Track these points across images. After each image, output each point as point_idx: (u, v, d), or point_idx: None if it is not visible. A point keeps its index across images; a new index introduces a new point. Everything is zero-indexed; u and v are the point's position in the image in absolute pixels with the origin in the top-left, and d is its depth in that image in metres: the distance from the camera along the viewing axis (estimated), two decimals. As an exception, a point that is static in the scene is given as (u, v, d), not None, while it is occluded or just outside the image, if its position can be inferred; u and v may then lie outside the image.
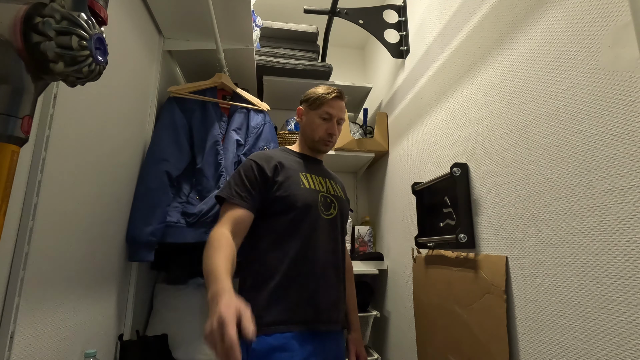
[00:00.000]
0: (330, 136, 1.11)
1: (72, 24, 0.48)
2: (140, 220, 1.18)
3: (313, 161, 1.15)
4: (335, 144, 1.18)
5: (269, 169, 1.01)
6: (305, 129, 1.14)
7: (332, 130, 1.10)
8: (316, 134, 1.11)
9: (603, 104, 0.62)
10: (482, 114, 0.96)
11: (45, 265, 0.75)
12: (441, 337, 1.09)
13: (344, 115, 1.14)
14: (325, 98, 1.10)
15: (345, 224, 1.14)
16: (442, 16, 1.21)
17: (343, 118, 1.13)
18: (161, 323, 1.33)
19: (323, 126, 1.10)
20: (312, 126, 1.11)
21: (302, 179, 1.04)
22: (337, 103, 1.11)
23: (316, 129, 1.11)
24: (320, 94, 1.11)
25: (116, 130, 1.07)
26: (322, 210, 1.04)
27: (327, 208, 1.06)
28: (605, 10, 0.62)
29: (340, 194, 1.15)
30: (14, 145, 0.47)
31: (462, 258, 1.00)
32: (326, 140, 1.11)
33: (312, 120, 1.12)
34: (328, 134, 1.10)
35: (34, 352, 0.73)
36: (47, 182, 0.74)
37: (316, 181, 1.08)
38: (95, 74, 0.52)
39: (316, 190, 1.05)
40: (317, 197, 1.04)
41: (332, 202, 1.08)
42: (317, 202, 1.03)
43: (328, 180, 1.13)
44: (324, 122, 1.10)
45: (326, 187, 1.10)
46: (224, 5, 1.31)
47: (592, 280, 0.63)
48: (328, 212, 1.05)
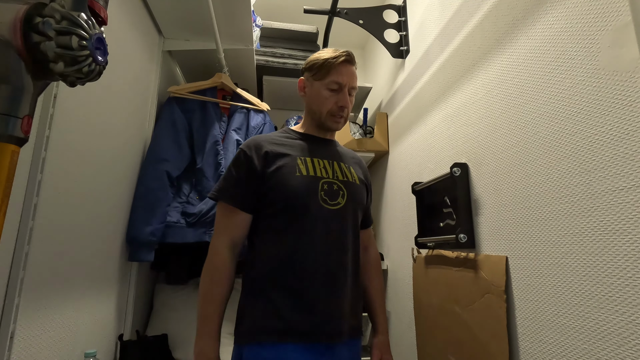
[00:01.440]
0: (341, 109, 0.93)
1: (72, 24, 0.48)
2: (140, 220, 1.18)
3: (319, 142, 0.98)
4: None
5: (258, 159, 0.88)
6: (310, 104, 0.96)
7: (343, 102, 0.92)
8: (324, 108, 0.93)
9: (603, 104, 0.62)
10: (482, 114, 0.96)
11: (45, 265, 0.75)
12: (441, 337, 1.08)
13: (356, 84, 0.95)
14: (332, 64, 0.91)
15: (363, 212, 0.99)
16: (442, 16, 1.21)
17: (354, 87, 0.95)
18: (161, 323, 1.33)
19: (332, 98, 0.92)
20: (319, 99, 0.93)
21: (299, 165, 0.89)
22: (347, 69, 0.93)
23: (324, 102, 0.93)
24: (326, 59, 0.92)
25: (116, 130, 1.07)
26: (326, 200, 0.88)
27: (333, 197, 0.89)
28: (605, 10, 0.62)
29: (355, 178, 0.96)
30: (14, 145, 0.47)
31: (462, 258, 1.00)
32: (337, 115, 0.94)
33: (318, 92, 0.93)
34: (339, 107, 0.92)
35: (34, 352, 0.73)
36: (47, 182, 0.74)
37: (319, 166, 0.91)
38: (95, 74, 0.52)
39: (317, 177, 0.89)
40: (318, 186, 0.88)
41: (339, 190, 0.90)
42: (316, 191, 0.87)
43: (337, 164, 0.95)
44: (333, 94, 0.92)
45: (333, 172, 0.93)
46: (224, 5, 1.31)
47: (592, 280, 0.63)
48: (334, 202, 0.89)
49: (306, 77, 0.97)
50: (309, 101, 0.97)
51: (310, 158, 0.92)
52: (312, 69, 0.95)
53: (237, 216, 0.87)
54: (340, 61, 0.92)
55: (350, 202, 0.92)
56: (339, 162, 0.96)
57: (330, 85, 0.92)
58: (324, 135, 0.99)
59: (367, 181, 1.04)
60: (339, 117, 0.94)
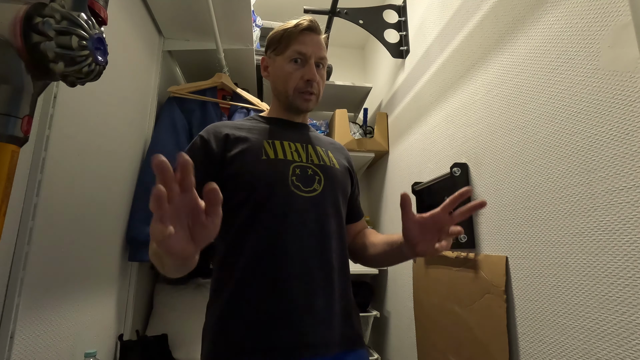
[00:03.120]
0: (308, 84, 0.79)
1: (72, 24, 0.48)
2: (140, 220, 1.18)
3: (290, 125, 0.84)
4: None
5: (216, 142, 0.75)
6: (275, 83, 0.83)
7: (310, 74, 0.78)
8: (289, 84, 0.79)
9: (603, 104, 0.62)
10: (482, 114, 0.96)
11: (45, 265, 0.75)
12: (441, 337, 1.08)
13: (323, 54, 0.81)
14: (292, 33, 0.79)
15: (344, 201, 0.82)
16: (442, 16, 1.21)
17: (323, 57, 0.81)
18: (161, 323, 1.33)
19: (297, 72, 0.79)
20: (283, 75, 0.80)
21: (265, 148, 0.76)
22: (310, 37, 0.80)
23: (288, 78, 0.79)
24: (285, 29, 0.80)
25: (116, 130, 1.07)
26: (299, 186, 0.74)
27: (308, 183, 0.75)
28: (605, 10, 0.62)
29: (333, 162, 0.82)
30: (14, 145, 0.47)
31: (462, 258, 1.00)
32: (305, 92, 0.79)
33: (280, 67, 0.80)
34: (305, 81, 0.78)
35: (34, 352, 0.73)
36: (47, 182, 0.74)
37: (290, 149, 0.78)
38: (95, 74, 0.52)
39: (286, 161, 0.75)
40: (288, 170, 0.74)
41: (315, 175, 0.77)
42: (286, 176, 0.74)
43: (312, 147, 0.81)
44: (298, 66, 0.79)
45: (307, 155, 0.79)
46: (224, 5, 1.31)
47: (592, 280, 0.63)
48: (308, 189, 0.75)
49: (268, 54, 0.85)
50: (273, 80, 0.84)
51: (279, 141, 0.78)
52: (272, 44, 0.83)
53: None
54: (301, 29, 0.79)
55: (329, 189, 0.77)
56: (313, 145, 0.82)
57: (293, 56, 0.79)
58: (295, 118, 0.86)
59: (351, 168, 0.89)
60: (308, 94, 0.80)
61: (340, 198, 0.80)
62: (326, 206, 0.76)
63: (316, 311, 0.68)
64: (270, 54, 0.84)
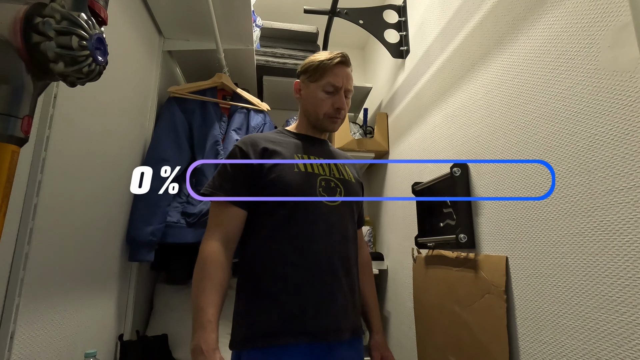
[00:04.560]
0: (338, 111, 0.93)
1: (72, 24, 0.48)
2: (141, 220, 1.19)
3: (314, 141, 0.98)
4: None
5: (255, 155, 0.87)
6: (306, 106, 0.97)
7: (339, 103, 0.93)
8: (321, 110, 0.93)
9: (603, 104, 0.62)
10: (482, 114, 0.96)
11: (45, 265, 0.75)
12: (441, 337, 1.08)
13: (351, 85, 0.96)
14: (327, 66, 0.92)
15: (358, 211, 0.99)
16: (442, 16, 1.21)
17: (350, 89, 0.96)
18: (161, 323, 1.33)
19: (328, 100, 0.92)
20: (315, 101, 0.93)
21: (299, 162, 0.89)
22: (343, 70, 0.93)
23: (320, 104, 0.93)
24: (321, 60, 0.93)
25: (116, 130, 1.07)
26: (325, 196, 0.88)
27: (331, 193, 0.89)
28: (605, 10, 0.62)
29: (350, 176, 0.97)
30: (14, 145, 0.47)
31: (462, 258, 1.00)
32: (334, 117, 0.94)
33: (313, 94, 0.93)
34: (335, 108, 0.93)
35: (34, 352, 0.73)
36: (47, 182, 0.74)
37: (316, 163, 0.91)
38: (95, 74, 0.52)
39: (314, 174, 0.89)
40: (316, 182, 0.87)
41: (336, 187, 0.90)
42: (315, 187, 0.87)
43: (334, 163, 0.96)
44: (329, 96, 0.92)
45: (329, 169, 0.93)
46: (224, 5, 1.31)
47: (592, 281, 0.63)
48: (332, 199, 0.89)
49: (302, 79, 0.97)
50: (305, 103, 0.97)
51: (307, 155, 0.92)
52: (307, 71, 0.95)
53: (232, 212, 0.84)
54: (336, 62, 0.92)
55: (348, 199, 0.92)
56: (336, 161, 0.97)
57: (326, 87, 0.92)
58: (319, 135, 1.00)
59: (361, 179, 1.05)
60: (336, 118, 0.95)
61: (354, 207, 0.95)
62: (345, 214, 0.90)
63: (339, 303, 0.82)
64: (304, 79, 0.97)
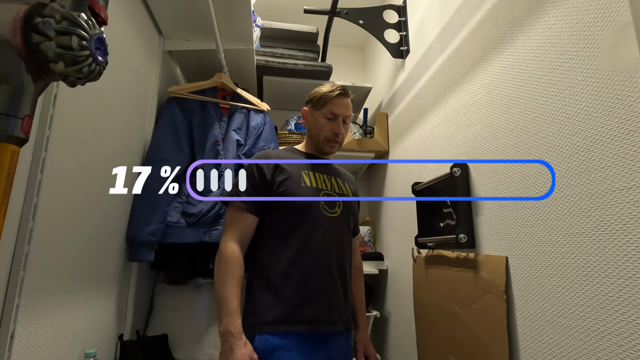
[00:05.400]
0: (336, 136, 1.08)
1: (72, 24, 0.48)
2: (141, 220, 1.18)
3: (319, 160, 1.13)
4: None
5: (269, 170, 1.01)
6: (310, 130, 1.13)
7: (337, 129, 1.08)
8: (321, 134, 1.08)
9: (603, 104, 0.62)
10: (482, 114, 0.96)
11: (45, 265, 0.75)
12: (441, 337, 1.08)
13: (350, 113, 1.11)
14: (328, 96, 1.07)
15: (354, 222, 1.13)
16: (442, 16, 1.21)
17: (349, 116, 1.10)
18: (161, 323, 1.33)
19: (328, 126, 1.08)
20: (317, 126, 1.09)
21: (304, 177, 1.03)
22: (342, 101, 1.08)
23: (321, 129, 1.08)
24: (323, 92, 1.08)
25: (116, 130, 1.07)
26: (325, 208, 1.02)
27: (331, 206, 1.04)
28: (605, 10, 0.62)
29: (348, 192, 1.12)
30: (14, 145, 0.47)
31: (462, 258, 1.00)
32: (332, 141, 1.09)
33: (316, 120, 1.09)
34: (334, 133, 1.08)
35: (34, 352, 0.73)
36: (47, 182, 0.74)
37: (320, 179, 1.06)
38: (95, 74, 0.52)
39: (318, 189, 1.04)
40: (319, 195, 1.03)
41: (336, 201, 1.06)
42: (318, 200, 1.02)
43: (334, 179, 1.11)
44: (329, 122, 1.07)
45: (331, 185, 1.08)
46: (224, 5, 1.31)
47: (592, 280, 0.63)
48: (332, 211, 1.03)
49: (308, 107, 1.13)
50: (309, 127, 1.13)
51: (312, 172, 1.07)
52: (312, 101, 1.11)
53: (246, 217, 0.98)
54: (336, 94, 1.07)
55: (345, 211, 1.07)
56: (335, 177, 1.12)
57: (327, 115, 1.07)
58: (322, 155, 1.14)
59: (357, 194, 1.20)
60: (334, 142, 1.09)
61: (351, 218, 1.11)
62: (343, 224, 1.06)
63: (334, 299, 0.97)
64: (309, 106, 1.13)
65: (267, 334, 0.90)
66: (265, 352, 0.88)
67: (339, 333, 0.98)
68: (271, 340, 0.89)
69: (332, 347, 0.96)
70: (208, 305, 1.38)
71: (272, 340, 0.89)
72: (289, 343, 0.89)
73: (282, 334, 0.90)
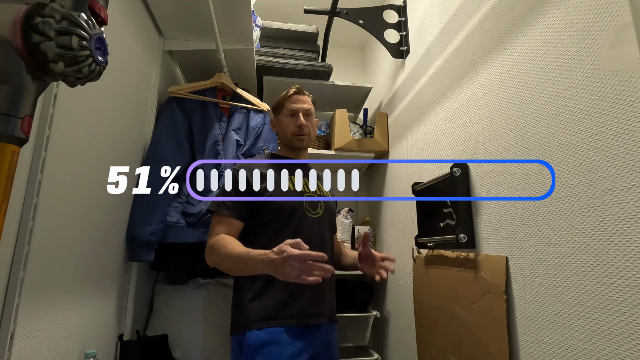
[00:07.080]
0: (300, 128, 1.14)
1: (72, 24, 0.48)
2: (140, 220, 1.18)
3: (298, 164, 1.18)
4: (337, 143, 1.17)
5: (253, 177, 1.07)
6: (279, 132, 1.20)
7: (299, 121, 1.13)
8: (288, 131, 1.15)
9: (603, 104, 0.62)
10: (482, 114, 0.96)
11: (45, 265, 0.75)
12: (441, 337, 1.09)
13: (310, 107, 1.17)
14: (284, 98, 1.17)
15: (333, 220, 1.21)
16: (442, 16, 1.21)
17: (309, 110, 1.17)
18: (161, 323, 1.33)
19: (291, 123, 1.14)
20: (283, 127, 1.17)
21: (287, 182, 1.10)
22: (297, 97, 1.16)
23: (286, 127, 1.15)
24: (280, 96, 1.18)
25: (116, 130, 1.07)
26: (309, 210, 1.09)
27: (314, 207, 1.10)
28: (605, 10, 0.62)
29: (327, 193, 1.20)
30: (14, 145, 0.47)
31: (462, 258, 1.00)
32: (298, 134, 1.14)
33: (281, 122, 1.18)
34: (297, 127, 1.14)
35: (34, 352, 0.73)
36: (47, 182, 0.74)
37: (301, 182, 1.13)
38: (95, 74, 0.52)
39: (302, 192, 1.11)
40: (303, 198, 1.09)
41: (318, 202, 1.12)
42: (302, 203, 1.08)
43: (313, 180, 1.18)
44: (292, 119, 1.15)
45: (310, 186, 1.15)
46: (224, 5, 1.31)
47: (592, 281, 0.63)
48: (315, 212, 1.10)
49: (275, 116, 1.22)
50: (278, 130, 1.21)
51: (294, 176, 1.12)
52: (275, 109, 1.21)
53: (232, 222, 1.03)
54: (290, 93, 1.16)
55: (326, 212, 1.14)
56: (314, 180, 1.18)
57: (287, 113, 1.16)
58: (298, 155, 1.20)
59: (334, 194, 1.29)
60: (301, 135, 1.15)
61: (331, 219, 1.19)
62: (324, 224, 1.13)
63: (319, 293, 1.03)
64: (274, 115, 1.22)
65: (257, 330, 0.95)
66: (255, 347, 0.93)
67: (324, 325, 1.05)
68: (261, 336, 0.94)
69: (319, 338, 1.01)
70: (208, 305, 1.38)
71: (261, 336, 0.94)
72: (277, 337, 0.94)
73: (271, 329, 0.95)
